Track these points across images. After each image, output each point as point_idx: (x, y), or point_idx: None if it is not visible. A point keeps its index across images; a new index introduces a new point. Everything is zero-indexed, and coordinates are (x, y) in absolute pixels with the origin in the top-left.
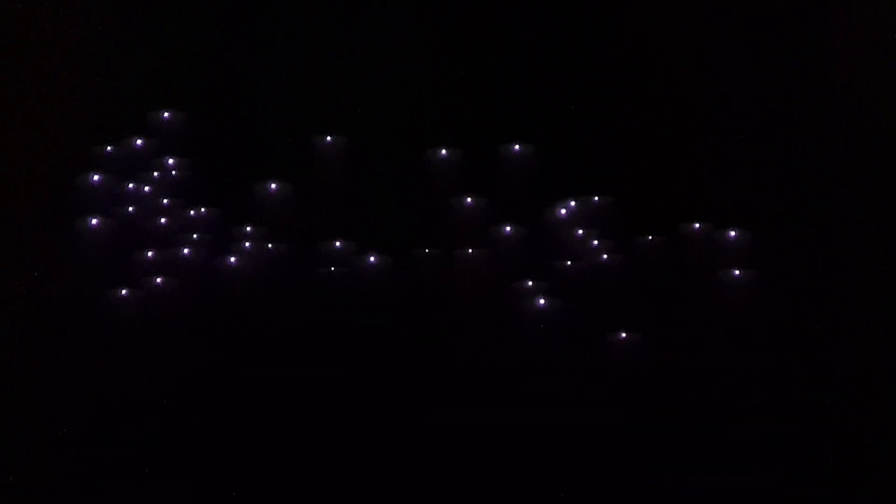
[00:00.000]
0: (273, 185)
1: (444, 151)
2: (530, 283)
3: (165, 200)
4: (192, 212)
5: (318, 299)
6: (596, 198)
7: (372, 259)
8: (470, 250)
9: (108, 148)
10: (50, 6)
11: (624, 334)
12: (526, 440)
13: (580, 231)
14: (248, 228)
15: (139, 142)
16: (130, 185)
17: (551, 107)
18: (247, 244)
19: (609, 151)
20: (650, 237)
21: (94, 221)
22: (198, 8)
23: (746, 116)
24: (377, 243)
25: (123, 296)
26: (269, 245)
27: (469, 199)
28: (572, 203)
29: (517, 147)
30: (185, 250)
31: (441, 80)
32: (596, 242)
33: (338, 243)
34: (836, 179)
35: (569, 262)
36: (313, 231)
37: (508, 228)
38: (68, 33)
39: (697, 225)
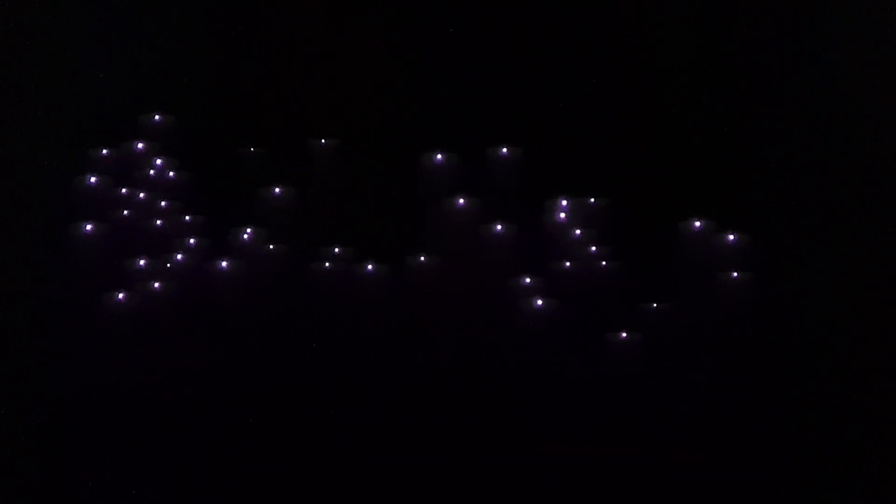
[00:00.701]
0: (268, 189)
1: (438, 156)
2: (526, 282)
3: (163, 203)
4: (187, 216)
5: (316, 302)
6: (592, 199)
7: (369, 266)
8: (465, 252)
9: (104, 151)
10: (44, 9)
11: (622, 335)
12: (523, 440)
13: (577, 231)
14: (248, 231)
15: (140, 145)
16: (124, 190)
17: (549, 109)
18: (242, 246)
19: (606, 153)
20: (647, 238)
21: (88, 227)
22: (192, 12)
23: (744, 119)
24: (373, 247)
25: (120, 299)
26: (271, 246)
27: (465, 202)
28: (564, 202)
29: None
30: (179, 255)
31: (433, 84)
32: (593, 247)
33: (336, 249)
34: (833, 183)
35: (567, 263)
36: (309, 234)
37: (505, 230)
38: (64, 37)
39: (697, 223)
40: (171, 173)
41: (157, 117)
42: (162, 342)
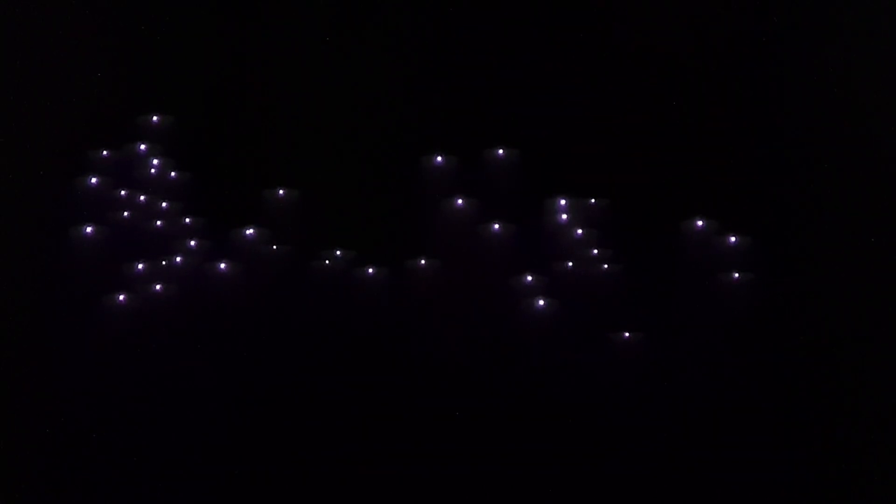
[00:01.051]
0: (268, 190)
1: (438, 158)
2: (527, 284)
3: (164, 204)
4: (187, 218)
5: (317, 304)
6: (592, 199)
7: (370, 270)
8: (466, 253)
9: (104, 152)
10: (44, 10)
11: (624, 335)
12: (525, 441)
13: (579, 231)
14: (249, 232)
15: (142, 147)
16: (124, 192)
17: (550, 110)
18: (243, 248)
19: (607, 153)
20: (648, 238)
21: (89, 228)
22: (193, 13)
23: (746, 119)
24: (374, 249)
25: (121, 301)
26: (274, 247)
27: (466, 203)
28: (563, 202)
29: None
30: (179, 257)
31: (433, 86)
32: (594, 247)
33: (338, 252)
34: (835, 184)
35: (569, 264)
36: (310, 236)
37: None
38: (64, 37)
39: (700, 222)
40: (172, 174)
41: (157, 118)
42: (162, 344)
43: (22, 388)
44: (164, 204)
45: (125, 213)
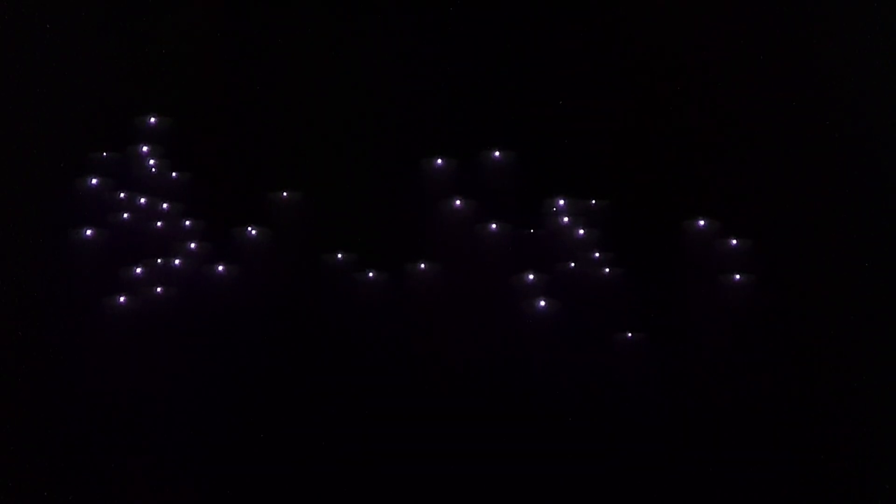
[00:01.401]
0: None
1: (439, 160)
2: (528, 285)
3: (164, 205)
4: (187, 221)
5: (318, 307)
6: (593, 201)
7: (370, 273)
8: (468, 256)
9: (104, 154)
10: (44, 10)
11: (625, 335)
12: (522, 442)
13: (581, 231)
14: (250, 234)
15: (145, 148)
16: (123, 194)
17: (551, 111)
18: (243, 251)
19: (608, 154)
20: (649, 239)
21: (89, 231)
22: (194, 14)
23: (747, 121)
24: (375, 252)
25: (121, 303)
26: (274, 249)
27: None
28: (562, 202)
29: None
30: (178, 260)
31: (432, 90)
32: (595, 248)
33: (339, 255)
34: (835, 187)
35: (571, 264)
36: (311, 239)
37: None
38: (65, 38)
39: (701, 222)
40: (174, 174)
41: (158, 120)
42: (163, 346)
43: (22, 390)
44: (164, 206)
45: (125, 215)
